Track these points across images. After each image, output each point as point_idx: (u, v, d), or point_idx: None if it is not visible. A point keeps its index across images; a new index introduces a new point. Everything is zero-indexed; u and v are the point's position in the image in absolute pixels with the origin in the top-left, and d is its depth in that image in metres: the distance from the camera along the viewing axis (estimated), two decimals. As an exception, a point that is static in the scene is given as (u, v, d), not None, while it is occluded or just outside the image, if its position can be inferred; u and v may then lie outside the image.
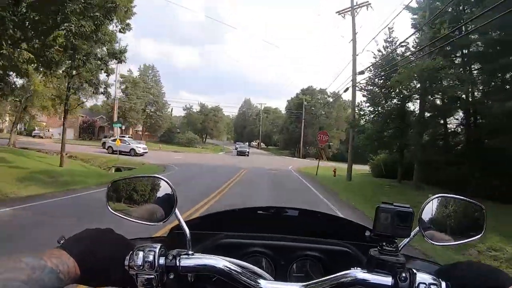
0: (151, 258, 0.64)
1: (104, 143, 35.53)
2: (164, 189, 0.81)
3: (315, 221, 1.08)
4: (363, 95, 20.67)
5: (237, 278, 0.66)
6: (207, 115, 72.48)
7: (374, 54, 19.46)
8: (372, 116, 20.20)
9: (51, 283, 0.51)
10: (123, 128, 45.65)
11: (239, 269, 0.67)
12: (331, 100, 57.17)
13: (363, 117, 20.87)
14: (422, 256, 1.16)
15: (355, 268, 0.68)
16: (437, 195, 0.79)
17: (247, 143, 74.32)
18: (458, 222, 0.80)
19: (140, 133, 58.57)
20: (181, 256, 0.68)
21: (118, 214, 0.80)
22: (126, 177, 0.86)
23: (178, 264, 0.67)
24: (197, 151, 48.28)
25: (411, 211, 0.72)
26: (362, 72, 20.00)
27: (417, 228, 0.75)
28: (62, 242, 0.62)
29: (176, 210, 0.76)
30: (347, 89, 21.94)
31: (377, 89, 19.44)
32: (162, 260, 0.66)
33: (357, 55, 21.60)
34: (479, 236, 0.77)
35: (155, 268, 0.64)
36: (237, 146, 49.23)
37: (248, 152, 42.61)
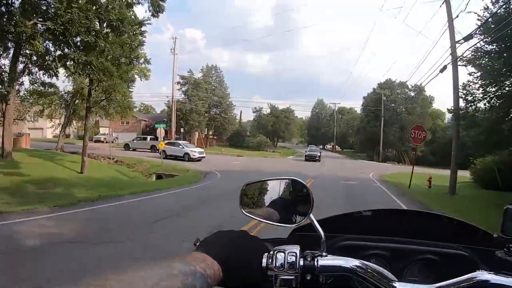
0: (292, 259, 0.65)
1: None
2: (299, 190, 0.82)
3: (429, 223, 1.06)
4: (470, 74, 14.67)
5: (370, 278, 0.66)
6: (278, 117, 69.40)
7: (479, 16, 13.44)
8: (486, 100, 14.13)
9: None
10: (182, 131, 43.35)
11: (371, 270, 0.67)
12: (412, 94, 49.27)
13: (472, 103, 14.78)
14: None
15: (480, 270, 0.66)
16: None
17: (321, 146, 69.95)
18: None
19: (209, 136, 56.91)
20: (317, 257, 0.69)
21: (251, 216, 0.83)
22: (260, 180, 0.89)
23: (316, 265, 0.67)
24: (265, 155, 45.05)
25: None
26: (469, 37, 14.02)
27: None
28: (197, 244, 0.66)
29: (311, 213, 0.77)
30: (444, 67, 15.83)
31: (494, 62, 13.35)
32: (302, 261, 0.67)
33: (454, 18, 15.46)
34: None
35: (296, 269, 0.65)
36: (307, 149, 42.82)
37: (319, 156, 36.49)
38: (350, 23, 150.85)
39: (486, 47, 13.93)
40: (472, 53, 14.48)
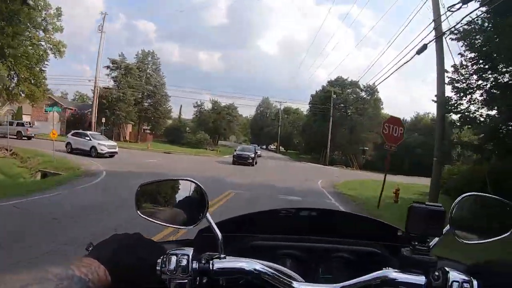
0: (184, 262, 0.64)
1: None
2: (195, 191, 0.80)
3: (342, 221, 1.08)
4: (462, 54, 10.75)
5: (270, 280, 0.66)
6: (220, 114, 65.54)
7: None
8: (484, 90, 10.24)
9: None
10: (103, 121, 36.74)
11: (271, 272, 0.67)
12: (364, 95, 46.76)
13: (463, 92, 10.76)
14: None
15: (387, 268, 0.69)
16: (468, 194, 0.79)
17: (264, 146, 66.09)
18: (488, 221, 0.83)
19: (144, 131, 51.37)
20: (214, 259, 0.68)
21: (148, 218, 0.79)
22: (155, 180, 0.86)
23: (211, 268, 0.67)
24: (200, 153, 40.16)
25: (443, 210, 0.73)
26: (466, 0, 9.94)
27: (448, 227, 0.75)
28: (90, 249, 0.64)
29: (207, 213, 0.76)
30: (424, 46, 11.63)
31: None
32: (195, 264, 0.66)
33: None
34: (508, 233, 0.78)
35: (188, 273, 0.64)
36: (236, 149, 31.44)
37: (254, 158, 27.01)
38: (305, 23, 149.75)
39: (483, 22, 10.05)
40: (463, 27, 10.50)
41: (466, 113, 10.64)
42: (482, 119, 10.44)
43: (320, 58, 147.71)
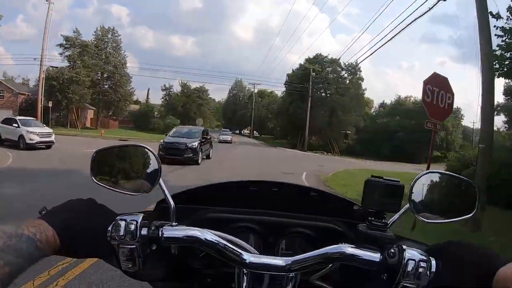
0: (132, 228, 0.63)
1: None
2: (149, 159, 0.79)
3: (303, 197, 1.04)
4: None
5: (220, 250, 0.66)
6: (189, 97, 62.50)
7: None
8: None
9: (29, 251, 0.50)
10: (50, 105, 31.03)
11: (223, 242, 0.67)
12: (344, 74, 42.82)
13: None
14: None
15: (343, 243, 0.68)
16: (428, 171, 0.77)
17: (236, 131, 61.97)
18: (450, 200, 0.80)
19: (103, 116, 46.25)
20: (164, 227, 0.68)
21: (103, 185, 0.78)
22: (111, 146, 0.84)
23: (160, 235, 0.66)
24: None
25: (401, 185, 0.72)
26: None
27: (407, 205, 0.73)
28: (43, 213, 0.62)
29: (161, 181, 0.74)
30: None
31: None
32: (144, 231, 0.65)
33: None
34: (470, 215, 0.75)
35: (136, 239, 0.64)
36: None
37: (193, 150, 14.74)
38: (279, 7, 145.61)
39: None
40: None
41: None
42: None
43: (293, 43, 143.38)
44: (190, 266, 0.85)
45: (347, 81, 44.25)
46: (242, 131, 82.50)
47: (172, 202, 0.73)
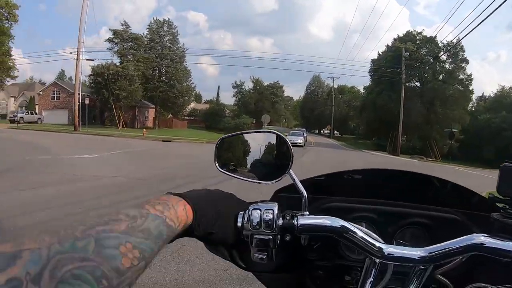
0: (270, 217, 0.62)
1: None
2: (278, 145, 0.77)
3: (419, 185, 0.97)
4: None
5: (354, 239, 0.63)
6: (262, 93, 58.01)
7: None
8: None
9: (158, 230, 0.46)
10: (87, 103, 27.53)
11: (360, 232, 0.64)
12: (443, 56, 32.84)
13: None
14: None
15: (475, 233, 0.65)
16: None
17: (315, 131, 55.68)
18: None
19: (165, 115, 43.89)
20: (298, 216, 0.66)
21: (227, 173, 0.77)
22: (235, 133, 0.83)
23: (296, 224, 0.63)
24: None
25: None
26: None
27: None
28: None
29: (291, 170, 0.71)
30: None
31: None
32: (279, 221, 0.63)
33: None
34: None
35: (273, 229, 0.62)
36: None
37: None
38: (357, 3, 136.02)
39: None
40: None
41: None
42: None
43: (374, 41, 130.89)
44: (304, 258, 0.81)
45: (447, 66, 34.33)
46: (322, 131, 75.38)
47: (304, 192, 0.70)
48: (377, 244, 0.61)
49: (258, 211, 0.61)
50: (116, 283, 0.37)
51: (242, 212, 0.61)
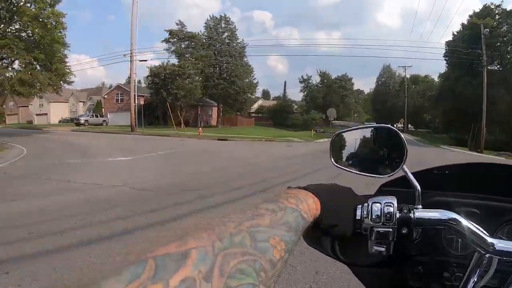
0: (390, 210, 0.62)
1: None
2: (391, 139, 0.77)
3: None
4: None
5: (467, 233, 0.63)
6: (330, 87, 56.22)
7: None
8: None
9: (296, 222, 0.49)
10: (143, 103, 28.03)
11: (465, 224, 0.64)
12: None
13: None
14: None
15: None
16: None
17: (389, 125, 51.42)
18: None
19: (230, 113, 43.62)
20: (414, 209, 0.66)
21: (342, 167, 0.80)
22: (350, 128, 0.85)
23: (413, 217, 0.64)
24: (287, 136, 29.75)
25: None
26: None
27: None
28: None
29: (404, 164, 0.73)
30: None
31: None
32: (397, 214, 0.64)
33: None
34: None
35: (393, 222, 0.62)
36: None
37: None
38: None
39: None
40: None
41: None
42: None
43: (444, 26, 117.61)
44: (407, 253, 0.80)
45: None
46: (395, 125, 69.19)
47: (418, 185, 0.70)
48: (489, 238, 0.60)
49: (378, 205, 0.61)
50: (270, 275, 0.39)
51: (360, 206, 0.62)
